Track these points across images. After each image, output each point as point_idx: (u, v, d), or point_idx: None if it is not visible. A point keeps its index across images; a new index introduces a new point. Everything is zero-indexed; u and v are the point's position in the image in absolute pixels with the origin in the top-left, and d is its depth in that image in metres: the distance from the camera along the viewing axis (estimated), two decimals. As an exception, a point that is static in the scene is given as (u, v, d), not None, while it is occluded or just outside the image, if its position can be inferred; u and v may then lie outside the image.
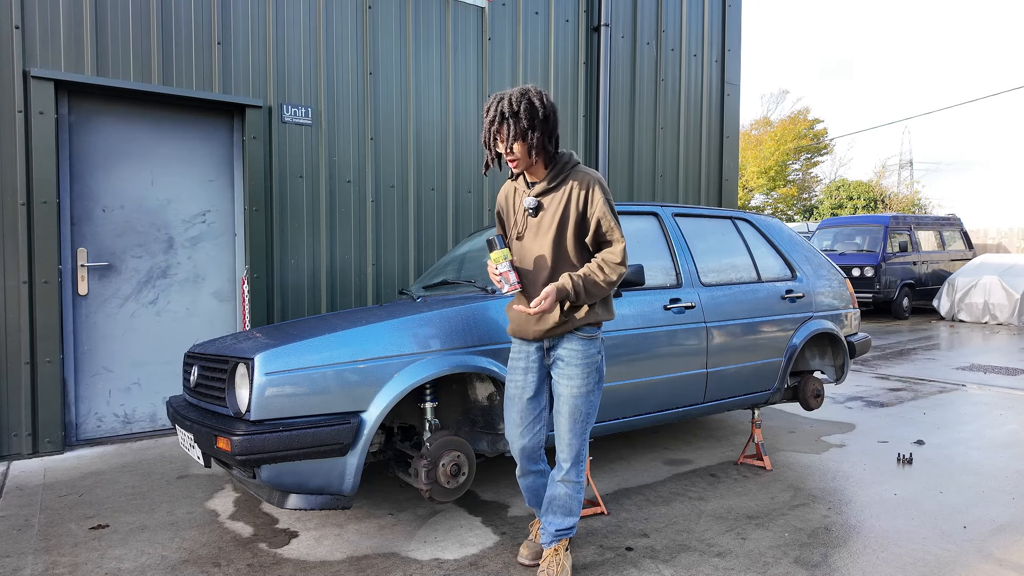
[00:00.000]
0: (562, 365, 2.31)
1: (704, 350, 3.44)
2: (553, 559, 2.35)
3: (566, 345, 2.31)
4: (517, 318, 2.36)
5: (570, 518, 2.37)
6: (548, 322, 2.28)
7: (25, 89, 3.82)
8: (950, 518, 2.90)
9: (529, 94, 2.19)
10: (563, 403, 2.31)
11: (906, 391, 5.63)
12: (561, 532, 2.37)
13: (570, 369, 2.29)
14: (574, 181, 2.27)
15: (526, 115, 2.17)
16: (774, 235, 4.14)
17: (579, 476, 2.35)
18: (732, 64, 7.27)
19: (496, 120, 2.19)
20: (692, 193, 7.00)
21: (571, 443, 2.31)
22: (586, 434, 2.34)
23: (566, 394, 2.30)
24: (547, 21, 5.93)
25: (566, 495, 2.35)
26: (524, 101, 2.17)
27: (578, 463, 2.34)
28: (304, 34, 4.71)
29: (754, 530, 2.79)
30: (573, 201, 2.26)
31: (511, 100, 2.18)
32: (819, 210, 28.93)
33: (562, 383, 2.31)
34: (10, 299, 3.81)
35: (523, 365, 2.38)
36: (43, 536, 2.77)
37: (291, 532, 2.82)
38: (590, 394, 2.31)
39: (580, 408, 2.29)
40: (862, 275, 11.29)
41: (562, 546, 2.38)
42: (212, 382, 2.66)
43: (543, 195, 2.30)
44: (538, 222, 2.31)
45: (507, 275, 2.25)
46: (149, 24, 4.17)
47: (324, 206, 4.80)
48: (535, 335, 2.32)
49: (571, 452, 2.32)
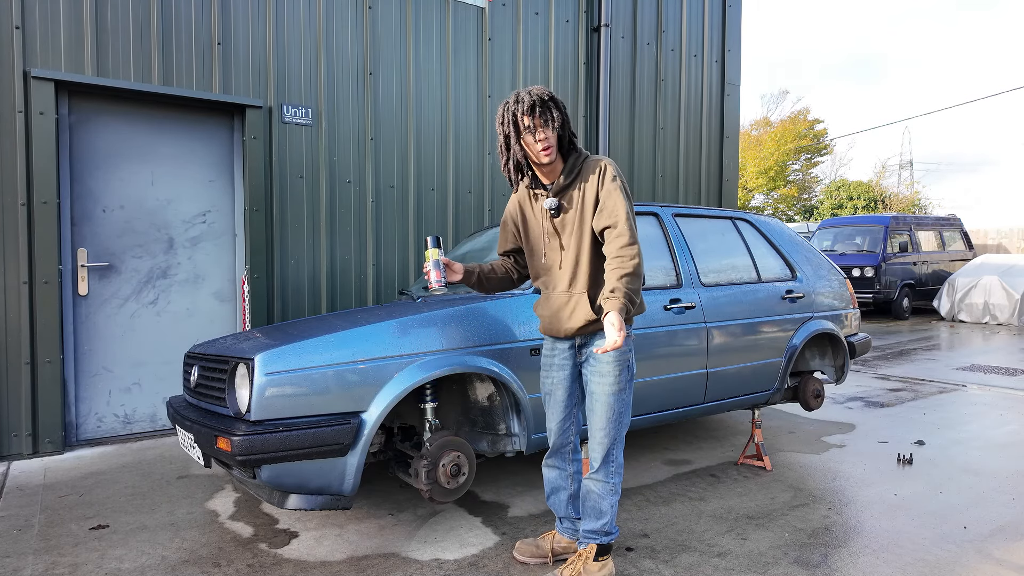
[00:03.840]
0: (594, 363, 2.28)
1: (704, 350, 3.44)
2: (577, 563, 2.29)
3: (597, 343, 2.30)
4: (548, 315, 2.36)
5: (600, 520, 2.30)
6: (580, 319, 2.27)
7: (25, 89, 3.82)
8: (950, 518, 2.90)
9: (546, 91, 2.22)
10: (595, 401, 2.28)
11: (906, 391, 5.63)
12: (589, 534, 2.32)
13: (602, 367, 2.26)
14: (588, 172, 2.27)
15: (558, 105, 2.22)
16: (774, 235, 4.14)
17: (609, 476, 2.30)
18: (732, 64, 7.27)
19: (535, 106, 2.16)
20: (692, 193, 7.00)
21: (602, 441, 2.28)
22: (619, 433, 2.29)
23: (598, 392, 2.27)
24: (547, 21, 5.93)
25: (595, 495, 2.31)
26: (548, 94, 2.20)
27: (609, 462, 2.29)
28: (304, 34, 4.71)
29: (754, 530, 2.79)
30: (590, 188, 2.25)
31: (539, 92, 2.19)
32: (819, 210, 28.93)
33: (594, 380, 2.28)
34: (10, 299, 3.81)
35: (556, 362, 2.39)
36: (43, 536, 2.77)
37: (291, 532, 2.82)
38: (622, 392, 2.27)
39: (613, 406, 2.26)
40: (862, 275, 11.28)
41: (589, 553, 2.30)
42: (212, 382, 2.66)
43: (561, 193, 2.29)
44: (562, 221, 2.30)
45: (429, 274, 2.35)
46: (149, 24, 4.17)
47: (324, 206, 4.80)
48: (567, 333, 2.31)
49: (602, 451, 2.28)
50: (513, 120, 2.20)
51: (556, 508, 2.52)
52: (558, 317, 2.32)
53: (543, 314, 2.39)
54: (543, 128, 2.18)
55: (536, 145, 2.20)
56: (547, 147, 2.20)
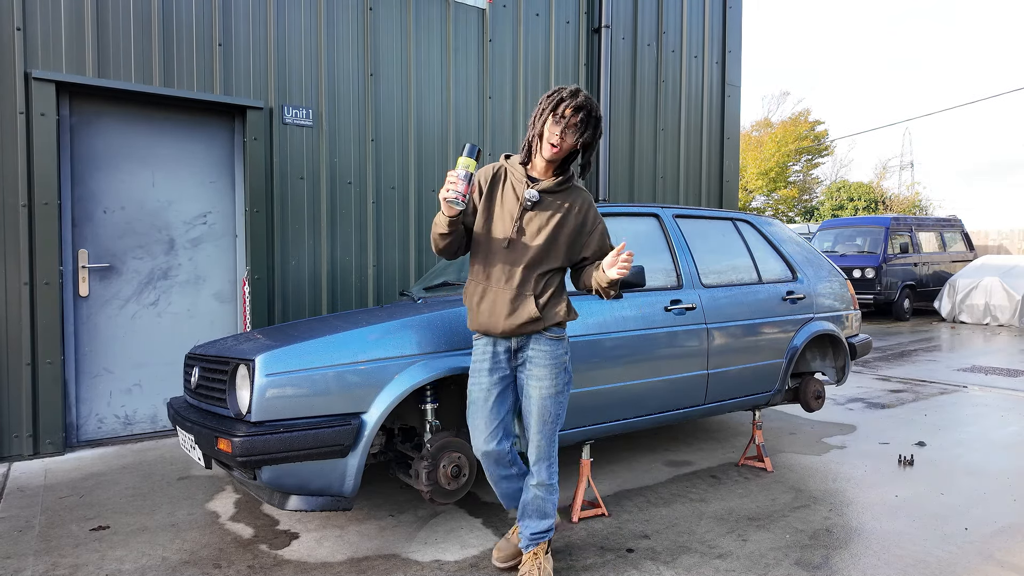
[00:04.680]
0: (531, 366, 2.28)
1: (705, 351, 3.43)
2: (532, 563, 2.33)
3: (534, 346, 2.28)
4: (487, 308, 2.26)
5: (545, 520, 2.35)
6: (523, 316, 2.23)
7: (26, 91, 3.83)
8: (951, 520, 2.90)
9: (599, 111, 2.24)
10: (533, 404, 2.27)
11: (907, 392, 5.63)
12: (537, 536, 2.35)
13: (539, 370, 2.27)
14: (577, 196, 2.33)
15: (598, 129, 2.25)
16: (775, 236, 4.13)
17: (551, 478, 2.32)
18: (733, 65, 7.27)
19: (581, 109, 2.18)
20: (693, 194, 7.00)
21: (540, 444, 2.29)
22: (556, 435, 2.31)
23: (536, 395, 2.26)
24: (548, 22, 5.93)
25: (539, 498, 2.33)
26: (599, 113, 2.23)
27: (550, 464, 2.31)
28: (305, 36, 4.72)
29: (755, 532, 2.78)
30: (573, 213, 2.31)
31: (596, 107, 2.22)
32: (820, 211, 28.92)
33: (532, 384, 2.27)
34: (11, 300, 3.81)
35: (488, 367, 2.30)
36: (44, 537, 2.77)
37: (292, 533, 2.82)
38: (559, 395, 2.28)
39: (550, 409, 2.27)
40: (863, 276, 11.28)
41: (541, 549, 2.36)
42: (213, 383, 2.66)
43: (546, 194, 2.29)
44: (533, 216, 2.27)
45: (456, 183, 2.07)
46: (150, 26, 4.17)
47: (325, 207, 4.81)
48: (506, 330, 2.24)
49: (541, 454, 2.29)
50: (556, 104, 2.18)
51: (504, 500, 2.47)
52: (497, 312, 2.24)
53: (481, 307, 2.27)
54: (571, 132, 2.20)
55: (553, 137, 2.19)
56: (557, 147, 2.20)
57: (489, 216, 2.29)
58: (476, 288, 2.30)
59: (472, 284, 2.32)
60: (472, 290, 2.32)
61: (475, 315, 2.30)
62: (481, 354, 2.32)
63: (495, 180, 2.31)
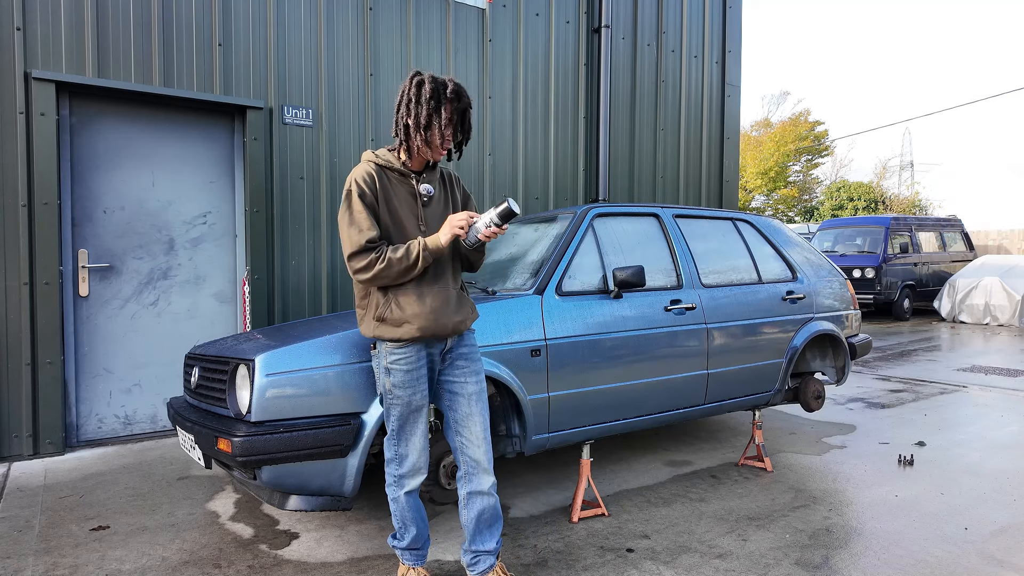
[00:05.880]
0: (465, 363, 2.18)
1: (705, 351, 3.43)
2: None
3: (467, 341, 2.21)
4: (434, 309, 2.09)
5: (499, 525, 2.23)
6: (466, 310, 2.19)
7: (26, 91, 3.83)
8: (951, 520, 2.90)
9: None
10: (475, 403, 2.15)
11: (907, 392, 5.63)
12: (499, 543, 2.22)
13: (475, 365, 2.20)
14: (440, 171, 2.29)
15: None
16: (775, 236, 4.14)
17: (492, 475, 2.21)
18: (732, 65, 7.27)
19: (468, 112, 2.13)
20: (692, 194, 7.00)
21: (488, 442, 2.17)
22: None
23: (477, 393, 2.16)
24: (548, 22, 5.94)
25: (497, 502, 2.21)
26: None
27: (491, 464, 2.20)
28: (305, 36, 4.72)
29: (755, 531, 2.78)
30: (451, 191, 2.29)
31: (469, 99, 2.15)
32: (820, 211, 28.93)
33: (471, 381, 2.17)
34: (11, 300, 3.81)
35: (425, 372, 2.14)
36: (44, 537, 2.77)
37: (292, 533, 2.82)
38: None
39: (487, 405, 2.21)
40: (863, 276, 11.28)
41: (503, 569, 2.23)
42: (213, 383, 2.66)
43: (430, 182, 2.23)
44: (431, 211, 2.20)
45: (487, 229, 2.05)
46: (150, 26, 4.17)
47: (325, 207, 4.81)
48: (455, 327, 2.13)
49: (489, 454, 2.17)
50: (440, 101, 2.06)
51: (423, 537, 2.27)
52: (448, 312, 2.12)
53: (425, 311, 2.07)
54: (457, 129, 2.14)
55: (441, 139, 2.10)
56: (447, 147, 2.15)
57: (396, 220, 2.13)
58: (408, 294, 2.08)
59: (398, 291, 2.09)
60: (403, 297, 2.08)
61: (416, 320, 2.07)
62: (416, 361, 2.11)
63: (382, 183, 2.13)
